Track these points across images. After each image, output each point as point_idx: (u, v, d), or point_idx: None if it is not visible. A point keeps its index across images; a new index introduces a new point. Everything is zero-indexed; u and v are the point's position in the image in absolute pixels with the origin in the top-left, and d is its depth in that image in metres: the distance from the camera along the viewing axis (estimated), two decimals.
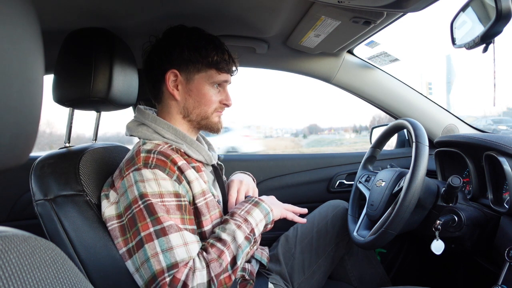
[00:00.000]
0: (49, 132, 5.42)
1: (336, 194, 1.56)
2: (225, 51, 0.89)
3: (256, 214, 0.84)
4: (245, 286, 0.88)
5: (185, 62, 0.86)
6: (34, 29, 0.28)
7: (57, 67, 0.87)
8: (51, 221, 0.79)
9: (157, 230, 0.72)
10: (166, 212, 0.74)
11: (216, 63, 0.87)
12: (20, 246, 0.32)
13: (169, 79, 0.87)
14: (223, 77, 0.89)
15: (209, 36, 0.89)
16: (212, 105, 0.90)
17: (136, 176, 0.76)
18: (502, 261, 0.83)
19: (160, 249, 0.71)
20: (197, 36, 0.88)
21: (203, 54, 0.86)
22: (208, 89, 0.89)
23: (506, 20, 0.69)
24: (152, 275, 0.70)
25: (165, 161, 0.78)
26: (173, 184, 0.77)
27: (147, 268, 0.71)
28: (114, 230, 0.78)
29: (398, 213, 0.88)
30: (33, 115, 0.29)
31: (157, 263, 0.70)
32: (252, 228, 0.81)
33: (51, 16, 0.92)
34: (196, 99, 0.88)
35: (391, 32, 1.34)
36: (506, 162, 0.89)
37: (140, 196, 0.74)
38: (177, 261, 0.71)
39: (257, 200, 0.87)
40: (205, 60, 0.86)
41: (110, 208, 0.79)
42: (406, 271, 1.46)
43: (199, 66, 0.87)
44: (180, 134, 0.86)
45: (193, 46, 0.86)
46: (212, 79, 0.88)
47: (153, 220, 0.73)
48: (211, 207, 0.84)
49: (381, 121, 5.78)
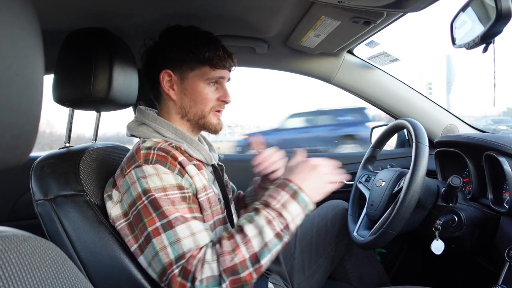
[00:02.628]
0: (49, 132, 5.43)
1: (336, 194, 1.55)
2: (219, 46, 0.87)
3: (294, 208, 0.74)
4: None
5: (178, 61, 0.86)
6: (34, 29, 0.28)
7: (57, 67, 0.87)
8: (51, 221, 0.79)
9: (163, 223, 0.72)
10: (171, 204, 0.73)
11: (209, 60, 0.85)
12: (20, 246, 0.32)
13: (163, 80, 0.87)
14: (218, 73, 0.87)
15: (202, 33, 0.88)
16: (209, 103, 0.88)
17: (138, 173, 0.76)
18: (502, 261, 0.83)
19: (168, 242, 0.70)
20: (189, 34, 0.87)
21: (195, 52, 0.85)
22: (203, 86, 0.87)
23: (506, 20, 0.69)
24: (162, 268, 0.70)
25: (165, 156, 0.78)
26: (175, 177, 0.77)
27: (157, 262, 0.71)
28: (123, 229, 0.78)
29: (398, 213, 0.88)
30: (33, 115, 0.29)
31: (166, 256, 0.70)
32: (287, 224, 0.73)
33: (51, 16, 0.92)
34: (192, 98, 0.88)
35: (391, 32, 1.34)
36: (506, 162, 0.89)
37: (143, 192, 0.74)
38: (184, 251, 0.70)
39: (297, 189, 0.75)
40: (197, 58, 0.85)
41: (115, 208, 0.79)
42: (406, 271, 1.46)
43: (192, 64, 0.86)
44: (180, 133, 0.86)
45: (185, 44, 0.85)
46: (207, 76, 0.87)
47: (158, 214, 0.72)
48: (212, 203, 0.83)
49: (381, 121, 5.78)
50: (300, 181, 0.77)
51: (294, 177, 0.78)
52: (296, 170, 0.79)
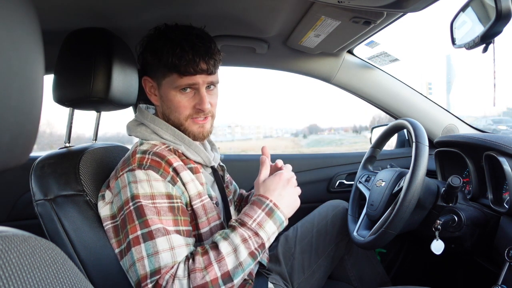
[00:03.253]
0: (49, 132, 5.43)
1: (336, 194, 1.56)
2: (188, 49, 0.77)
3: (269, 226, 0.73)
4: (244, 285, 0.88)
5: (150, 67, 0.84)
6: (34, 29, 0.28)
7: (57, 67, 0.87)
8: (51, 221, 0.79)
9: (144, 233, 0.71)
10: (156, 214, 0.72)
11: (174, 66, 0.77)
12: (20, 246, 0.32)
13: (146, 85, 0.87)
14: (187, 80, 0.79)
15: (172, 34, 0.79)
16: (183, 111, 0.83)
17: (129, 177, 0.76)
18: (502, 261, 0.83)
19: (146, 253, 0.69)
20: (162, 37, 0.80)
21: (159, 57, 0.79)
22: (174, 94, 0.81)
23: (506, 20, 0.69)
24: (137, 280, 0.70)
25: (159, 162, 0.77)
26: (166, 185, 0.76)
27: (134, 272, 0.71)
28: (109, 231, 0.79)
29: (398, 213, 0.88)
30: (33, 115, 0.29)
31: (142, 268, 0.69)
32: (262, 243, 0.72)
33: (51, 16, 0.92)
34: (167, 105, 0.84)
35: (391, 32, 1.34)
36: (506, 162, 0.89)
37: (131, 197, 0.74)
38: (160, 266, 0.69)
39: (272, 206, 0.74)
40: (164, 64, 0.78)
41: (105, 208, 0.80)
42: (406, 271, 1.46)
43: (162, 71, 0.80)
44: (179, 135, 0.86)
45: (152, 49, 0.80)
46: (175, 84, 0.80)
47: (141, 222, 0.71)
48: (208, 209, 0.82)
49: (381, 121, 5.78)
50: (276, 198, 0.76)
51: (270, 193, 0.76)
52: (271, 186, 0.77)
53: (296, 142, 18.82)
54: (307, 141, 18.78)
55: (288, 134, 24.00)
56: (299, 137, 20.28)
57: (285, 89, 62.27)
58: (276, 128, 30.71)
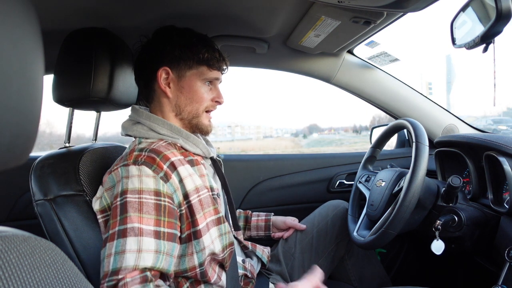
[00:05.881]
0: (49, 132, 5.42)
1: (336, 194, 1.56)
2: (216, 49, 0.90)
3: None
4: (247, 284, 0.89)
5: (176, 59, 0.87)
6: (34, 29, 0.28)
7: (57, 67, 0.88)
8: (51, 221, 0.79)
9: (120, 230, 0.70)
10: (138, 211, 0.71)
11: (207, 60, 0.88)
12: (20, 246, 0.32)
13: (161, 77, 0.87)
14: (214, 74, 0.90)
15: (200, 35, 0.91)
16: (204, 103, 0.90)
17: (123, 171, 0.76)
18: (502, 261, 0.83)
19: (114, 250, 0.69)
20: (187, 34, 0.89)
21: (194, 51, 0.87)
22: (200, 86, 0.89)
23: (506, 20, 0.68)
24: (102, 276, 0.69)
25: (154, 158, 0.78)
26: (157, 181, 0.75)
27: (101, 268, 0.70)
28: (101, 225, 0.79)
29: (398, 213, 0.88)
30: (33, 115, 0.29)
31: (107, 265, 0.68)
32: None
33: (51, 16, 0.92)
34: (187, 96, 0.89)
35: (391, 32, 1.35)
36: (506, 162, 0.89)
37: (121, 193, 0.74)
38: (121, 267, 0.67)
39: None
40: (196, 57, 0.87)
41: (96, 203, 0.80)
42: (406, 271, 1.46)
43: (190, 63, 0.87)
44: (175, 129, 0.87)
45: (184, 43, 0.87)
46: (204, 76, 0.89)
47: (121, 219, 0.71)
48: (204, 204, 0.82)
49: (381, 121, 5.78)
50: None
51: None
52: None
53: (296, 142, 18.82)
54: (307, 141, 18.78)
55: (288, 134, 24.02)
56: (299, 137, 20.28)
57: (285, 89, 62.37)
58: (276, 128, 30.73)
